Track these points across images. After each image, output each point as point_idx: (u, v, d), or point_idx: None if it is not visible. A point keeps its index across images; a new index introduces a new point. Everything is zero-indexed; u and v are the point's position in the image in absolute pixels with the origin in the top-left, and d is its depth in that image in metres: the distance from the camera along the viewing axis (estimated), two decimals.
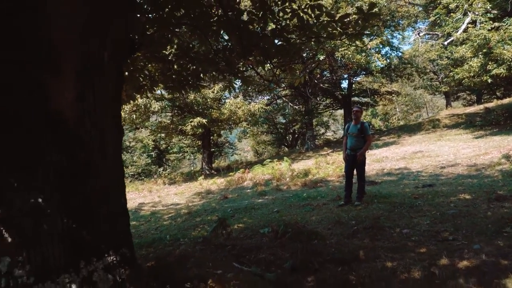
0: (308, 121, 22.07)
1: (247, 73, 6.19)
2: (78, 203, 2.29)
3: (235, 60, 4.85)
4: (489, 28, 12.83)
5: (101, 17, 2.34)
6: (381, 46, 19.41)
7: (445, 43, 16.42)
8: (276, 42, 4.69)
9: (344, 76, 23.33)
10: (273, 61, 4.96)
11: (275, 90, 22.84)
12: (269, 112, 25.09)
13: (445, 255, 3.24)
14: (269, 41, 4.48)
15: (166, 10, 4.04)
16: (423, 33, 22.53)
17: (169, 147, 29.12)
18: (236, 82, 6.34)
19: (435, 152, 11.64)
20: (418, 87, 30.82)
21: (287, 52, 4.67)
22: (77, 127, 2.29)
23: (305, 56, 18.20)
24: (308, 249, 3.88)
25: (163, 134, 21.46)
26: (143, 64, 4.71)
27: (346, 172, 6.33)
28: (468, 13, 14.58)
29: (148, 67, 4.87)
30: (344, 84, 25.36)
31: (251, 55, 4.71)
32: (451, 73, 15.47)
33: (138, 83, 4.85)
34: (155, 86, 5.21)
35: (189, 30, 4.56)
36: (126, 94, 4.71)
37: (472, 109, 23.82)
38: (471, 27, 13.85)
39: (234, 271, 3.47)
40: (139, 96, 5.49)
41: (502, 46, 12.15)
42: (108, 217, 2.46)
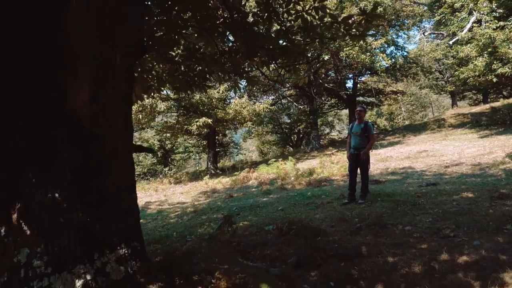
0: (313, 121, 22.12)
1: (252, 73, 6.29)
2: (92, 198, 2.41)
3: (240, 60, 4.96)
4: (494, 27, 12.81)
5: (114, 21, 2.46)
6: (386, 46, 19.43)
7: (450, 42, 16.39)
8: (280, 42, 4.79)
9: (349, 75, 23.36)
10: (277, 61, 5.06)
11: (280, 90, 22.95)
12: (274, 112, 25.17)
13: (446, 251, 3.32)
14: (274, 42, 4.58)
15: (173, 12, 4.16)
16: (428, 33, 22.47)
17: (174, 147, 29.33)
18: (241, 83, 6.44)
19: (439, 152, 11.66)
20: (424, 86, 30.74)
21: (291, 53, 4.76)
22: (91, 126, 2.41)
23: (310, 56, 18.28)
24: (311, 245, 3.98)
25: (168, 134, 21.66)
26: (151, 65, 4.83)
27: (349, 171, 6.41)
28: (473, 12, 14.57)
29: (156, 68, 4.99)
30: (349, 83, 25.39)
31: (256, 56, 4.81)
32: (456, 73, 15.43)
33: (146, 83, 4.98)
34: (162, 87, 5.33)
35: (195, 31, 4.67)
36: (135, 94, 4.84)
37: (478, 108, 23.71)
38: (476, 26, 13.83)
39: (240, 266, 3.57)
40: (146, 96, 5.63)
41: (507, 45, 12.14)
42: (119, 212, 2.58)
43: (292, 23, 4.62)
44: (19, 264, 2.18)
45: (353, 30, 4.43)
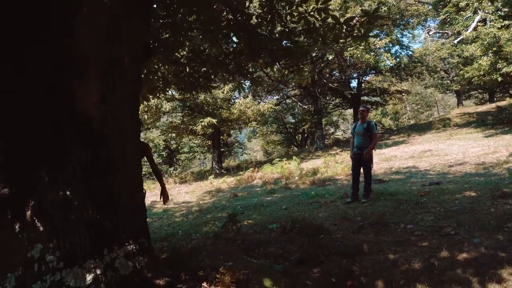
0: (317, 120, 22.15)
1: (256, 74, 6.38)
2: (101, 196, 2.51)
3: (244, 62, 5.04)
4: (499, 26, 12.77)
5: (122, 26, 2.55)
6: (390, 45, 19.41)
7: (455, 41, 16.34)
8: (283, 44, 4.86)
9: (354, 75, 23.35)
10: (281, 62, 5.14)
11: (285, 90, 23.01)
12: (278, 112, 25.24)
13: (446, 248, 3.38)
14: (277, 44, 4.65)
15: (179, 15, 4.26)
16: (432, 32, 22.39)
17: (179, 147, 29.51)
18: (245, 83, 6.53)
19: (444, 151, 11.66)
20: (429, 85, 30.60)
21: (294, 54, 4.84)
22: (100, 126, 2.51)
23: (314, 55, 18.32)
24: (314, 243, 4.06)
25: (173, 134, 21.80)
26: (157, 66, 4.93)
27: (353, 170, 6.47)
28: (478, 11, 14.52)
29: (161, 69, 5.09)
30: (354, 83, 25.38)
31: (260, 57, 4.90)
32: (461, 72, 15.38)
33: (152, 84, 5.09)
34: (168, 88, 5.44)
35: (200, 33, 4.77)
36: (141, 95, 4.95)
37: (484, 107, 23.59)
38: (481, 25, 13.79)
39: (244, 263, 3.66)
40: (152, 96, 5.73)
41: None
42: (127, 209, 2.68)
43: (295, 24, 4.70)
44: (33, 259, 2.28)
45: (355, 32, 4.50)
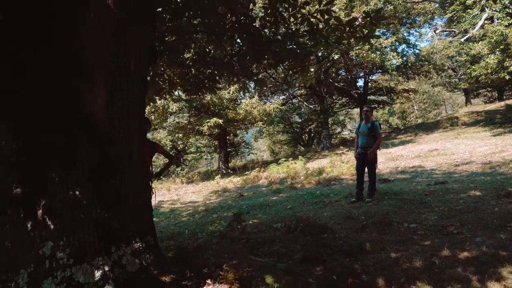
0: (324, 120, 22.13)
1: (261, 75, 6.44)
2: (108, 195, 2.61)
3: (248, 63, 5.11)
4: (507, 24, 12.65)
5: (128, 31, 2.64)
6: (397, 44, 19.33)
7: (462, 39, 16.22)
8: (287, 45, 4.92)
9: (360, 74, 23.29)
10: (284, 63, 5.20)
11: (291, 90, 23.03)
12: (285, 112, 25.27)
13: (447, 247, 3.41)
14: (281, 45, 4.71)
15: (184, 19, 4.35)
16: (439, 30, 22.22)
17: (186, 147, 29.69)
18: (250, 84, 6.60)
19: (450, 150, 11.60)
20: (436, 84, 30.35)
21: (298, 55, 4.90)
22: (107, 128, 2.60)
23: (320, 55, 18.32)
24: (318, 242, 4.11)
25: (180, 134, 21.97)
26: (162, 69, 5.03)
27: (357, 170, 6.51)
28: (486, 9, 14.39)
29: (167, 71, 5.19)
30: (360, 82, 25.29)
31: (264, 59, 4.96)
32: (468, 70, 15.26)
33: (158, 86, 5.18)
34: (173, 89, 5.54)
35: (205, 36, 4.85)
36: (147, 97, 5.05)
37: (493, 106, 23.34)
38: (488, 23, 13.67)
39: (248, 261, 3.73)
40: (158, 98, 5.84)
41: None
42: (134, 208, 2.77)
43: (298, 26, 4.76)
44: (44, 256, 2.38)
45: (358, 33, 4.54)
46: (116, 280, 2.46)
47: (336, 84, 22.39)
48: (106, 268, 2.47)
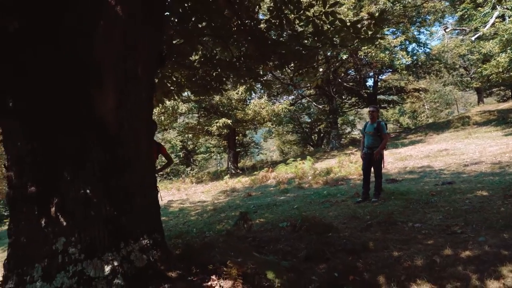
0: (333, 120, 22.08)
1: (268, 76, 6.53)
2: (118, 193, 2.73)
3: (254, 65, 5.20)
4: None
5: (136, 38, 2.76)
6: (407, 43, 19.17)
7: (473, 38, 16.02)
8: (292, 47, 4.99)
9: (370, 74, 23.15)
10: (290, 65, 5.27)
11: (300, 90, 23.03)
12: (294, 112, 25.27)
13: (449, 246, 3.45)
14: (286, 47, 4.79)
15: (190, 22, 4.46)
16: (449, 29, 21.94)
17: (196, 148, 29.93)
18: (257, 86, 6.69)
19: (460, 150, 11.50)
20: (448, 83, 29.95)
21: (303, 57, 4.97)
22: (117, 130, 2.73)
23: (328, 55, 18.30)
24: (322, 240, 4.18)
25: (190, 135, 22.18)
26: (170, 71, 5.15)
27: (363, 170, 6.54)
28: (497, 7, 14.21)
29: (175, 74, 5.31)
30: (370, 82, 25.16)
31: (270, 60, 5.05)
32: (479, 69, 15.08)
33: (166, 88, 5.32)
34: (181, 91, 5.66)
35: (211, 39, 4.96)
36: (155, 98, 5.19)
37: (506, 105, 22.98)
38: (499, 21, 13.49)
39: (253, 259, 3.82)
40: (167, 99, 5.97)
41: None
42: (142, 206, 2.89)
43: (303, 28, 4.83)
44: (57, 251, 2.51)
45: (362, 34, 4.59)
46: (124, 275, 2.58)
47: (345, 84, 22.31)
48: (115, 263, 2.59)
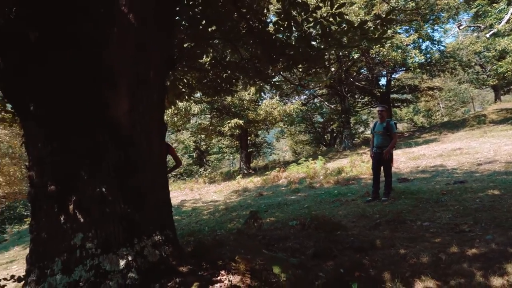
0: (345, 119, 21.99)
1: (277, 77, 6.61)
2: (131, 191, 2.87)
3: (263, 67, 5.31)
4: None
5: (148, 44, 2.90)
6: (420, 41, 18.95)
7: (487, 35, 15.73)
8: (300, 49, 5.07)
9: (382, 73, 22.96)
10: (298, 66, 5.35)
11: (312, 90, 23.02)
12: (306, 112, 25.26)
13: (456, 244, 3.47)
14: (294, 49, 4.87)
15: (200, 26, 4.60)
16: (463, 26, 21.55)
17: (209, 148, 30.22)
18: (266, 87, 6.79)
19: (474, 149, 11.33)
20: (463, 81, 29.42)
21: (311, 58, 5.04)
22: (129, 131, 2.87)
23: (340, 54, 18.23)
24: (330, 238, 4.25)
25: (203, 135, 22.42)
26: (182, 74, 5.30)
27: (373, 169, 6.56)
28: None
29: (186, 76, 5.46)
30: (383, 81, 24.95)
31: (278, 62, 5.14)
32: (494, 67, 14.80)
33: (178, 90, 5.47)
34: (192, 93, 5.81)
35: (221, 42, 5.09)
36: (168, 100, 5.35)
37: None
38: None
39: (262, 256, 3.92)
40: (178, 101, 6.13)
41: None
42: (154, 204, 3.03)
43: (311, 29, 4.90)
44: (75, 246, 2.67)
45: (370, 34, 4.64)
46: (138, 269, 2.71)
47: (357, 83, 22.18)
48: (130, 258, 2.73)
